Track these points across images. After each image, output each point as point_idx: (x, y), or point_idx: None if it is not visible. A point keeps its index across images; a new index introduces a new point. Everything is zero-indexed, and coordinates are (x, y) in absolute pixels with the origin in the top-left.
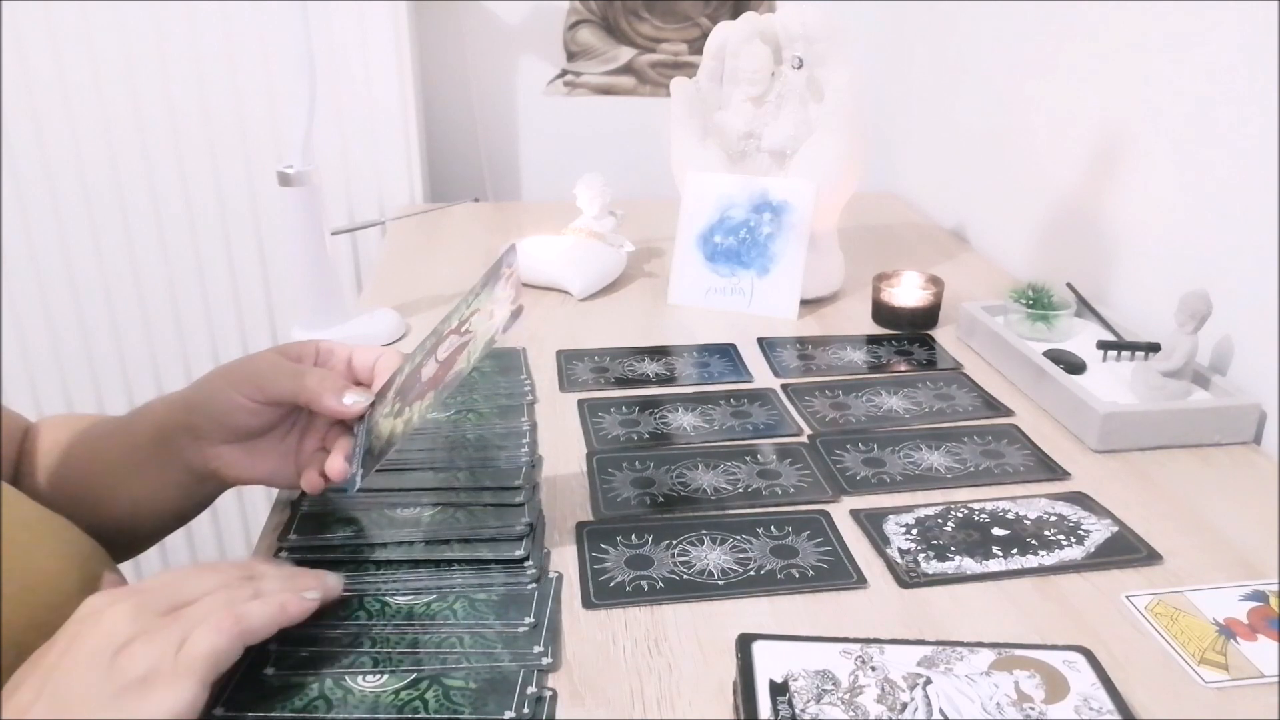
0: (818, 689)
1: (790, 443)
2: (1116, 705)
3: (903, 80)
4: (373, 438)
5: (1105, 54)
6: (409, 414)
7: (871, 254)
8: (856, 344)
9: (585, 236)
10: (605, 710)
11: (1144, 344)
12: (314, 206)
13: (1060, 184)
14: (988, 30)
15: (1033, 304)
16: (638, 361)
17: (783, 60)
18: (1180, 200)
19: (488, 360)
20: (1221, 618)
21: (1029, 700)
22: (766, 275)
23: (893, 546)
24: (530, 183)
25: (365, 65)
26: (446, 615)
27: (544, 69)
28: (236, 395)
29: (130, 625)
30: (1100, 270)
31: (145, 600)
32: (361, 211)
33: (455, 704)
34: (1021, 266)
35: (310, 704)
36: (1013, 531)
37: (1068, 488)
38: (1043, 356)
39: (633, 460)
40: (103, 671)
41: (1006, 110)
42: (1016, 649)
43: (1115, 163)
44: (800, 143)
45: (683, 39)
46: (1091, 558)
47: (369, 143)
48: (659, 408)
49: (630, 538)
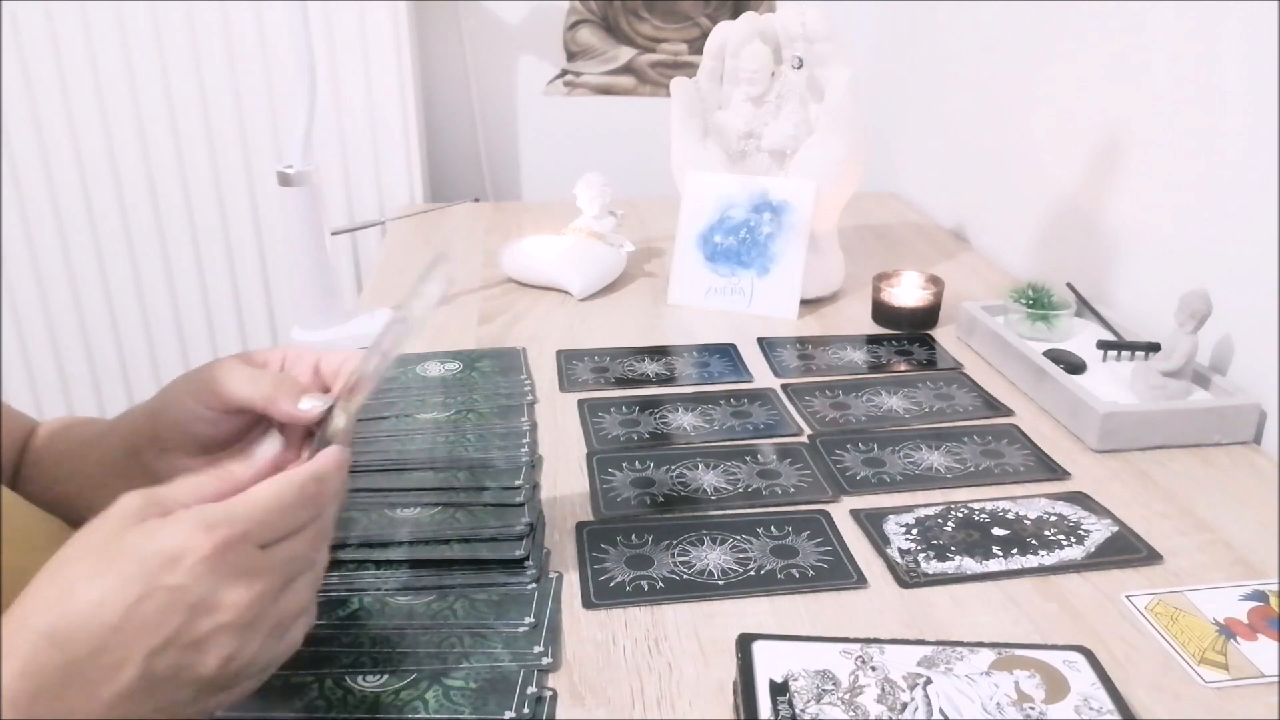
0: (818, 689)
1: (790, 443)
2: (1116, 705)
3: (903, 80)
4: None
5: (1105, 54)
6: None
7: (871, 254)
8: (856, 344)
9: (585, 236)
10: (605, 710)
11: (1144, 344)
12: (314, 206)
13: (1060, 184)
14: (988, 30)
15: (1033, 304)
16: (638, 361)
17: (783, 60)
18: (1180, 200)
19: (487, 360)
20: (1221, 618)
21: (1029, 700)
22: (766, 275)
23: (893, 546)
24: (530, 183)
25: (365, 65)
26: (446, 615)
27: (544, 69)
28: (195, 404)
29: (213, 588)
30: (1100, 270)
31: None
32: (361, 211)
33: (455, 704)
34: (1021, 266)
35: (310, 704)
36: (1013, 531)
37: (1068, 488)
38: (1043, 356)
39: (633, 460)
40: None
41: (1006, 110)
42: (1016, 649)
43: (1115, 163)
44: (800, 143)
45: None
46: (1091, 558)
47: (369, 143)
48: (659, 408)
49: (630, 538)
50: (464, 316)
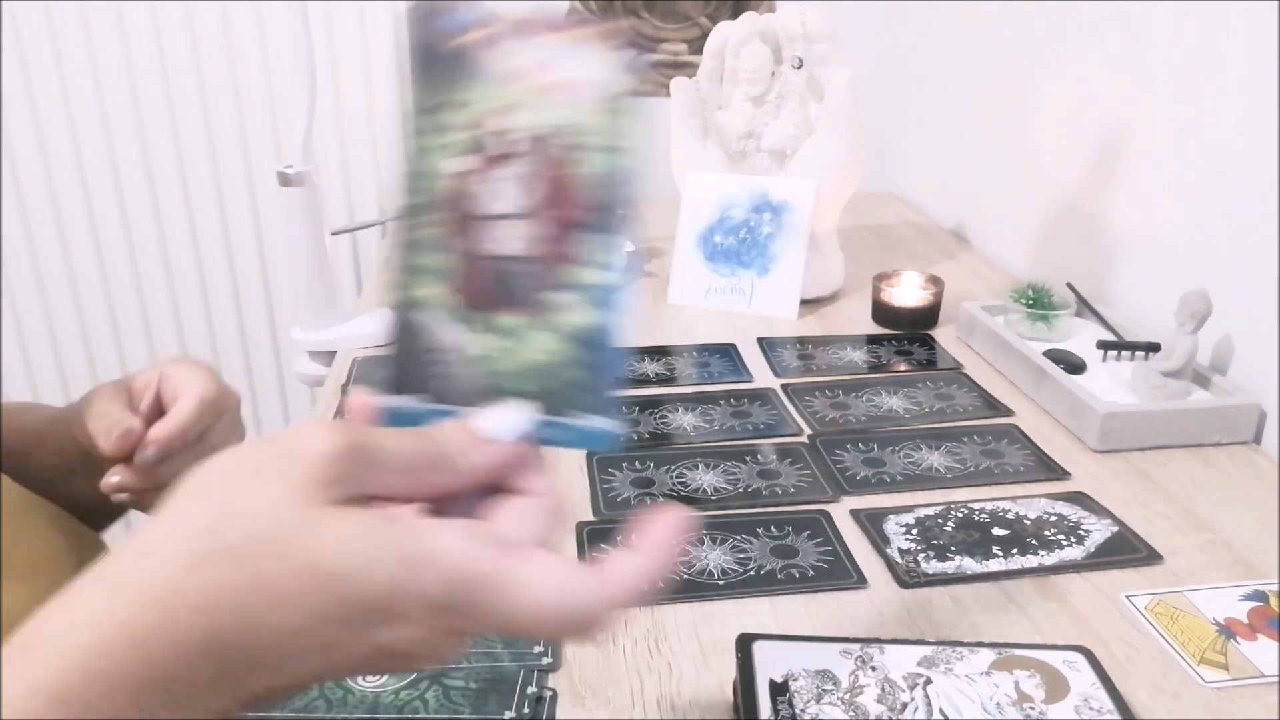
0: (818, 689)
1: (790, 443)
2: (1116, 705)
3: (903, 80)
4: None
5: (1105, 54)
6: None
7: (871, 254)
8: (856, 344)
9: None
10: (605, 710)
11: (1144, 344)
12: (314, 206)
13: (1060, 184)
14: (988, 30)
15: (1033, 304)
16: (638, 361)
17: (783, 60)
18: (1180, 200)
19: None
20: (1221, 617)
21: (1029, 700)
22: (766, 275)
23: (893, 546)
24: None
25: (365, 65)
26: None
27: None
28: (73, 430)
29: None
30: (1100, 270)
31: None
32: (361, 211)
33: (455, 704)
34: (1021, 266)
35: (310, 704)
36: (1013, 531)
37: (1068, 488)
38: (1043, 356)
39: (633, 460)
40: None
41: (1006, 110)
42: (1016, 649)
43: (1115, 163)
44: (800, 143)
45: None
46: (1091, 558)
47: (369, 143)
48: (659, 408)
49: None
50: None
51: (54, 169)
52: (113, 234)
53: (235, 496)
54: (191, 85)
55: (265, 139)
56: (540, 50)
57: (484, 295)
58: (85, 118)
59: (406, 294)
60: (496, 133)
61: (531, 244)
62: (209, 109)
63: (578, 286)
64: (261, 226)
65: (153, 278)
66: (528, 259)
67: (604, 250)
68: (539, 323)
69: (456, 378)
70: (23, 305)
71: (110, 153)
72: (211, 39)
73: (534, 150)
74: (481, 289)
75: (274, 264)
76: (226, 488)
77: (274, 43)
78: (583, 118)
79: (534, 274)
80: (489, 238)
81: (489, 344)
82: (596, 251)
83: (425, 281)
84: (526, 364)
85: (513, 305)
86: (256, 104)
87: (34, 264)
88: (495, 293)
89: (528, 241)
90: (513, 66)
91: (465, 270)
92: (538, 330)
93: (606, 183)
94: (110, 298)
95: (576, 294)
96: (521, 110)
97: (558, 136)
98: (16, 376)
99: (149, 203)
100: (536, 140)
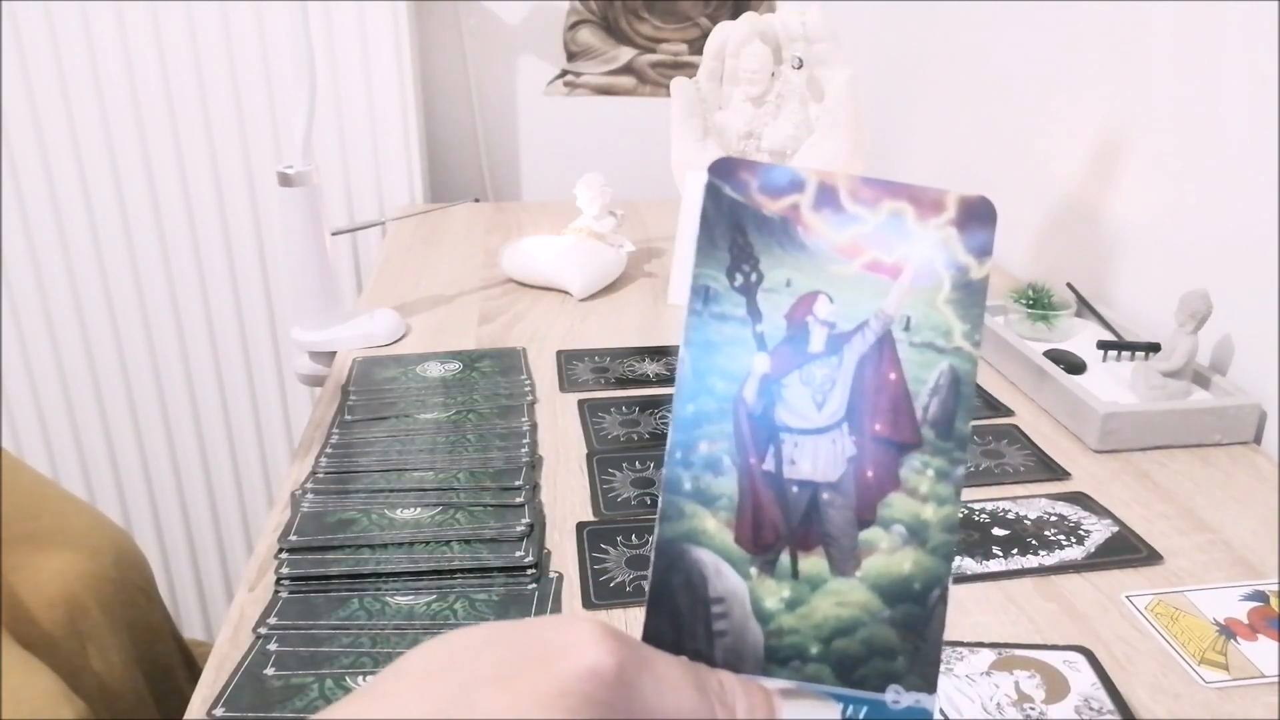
0: None
1: None
2: (1116, 705)
3: (903, 80)
4: None
5: (1106, 54)
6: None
7: None
8: None
9: (585, 236)
10: None
11: (1144, 344)
12: (314, 206)
13: (1060, 184)
14: (988, 31)
15: (1033, 304)
16: (638, 361)
17: (783, 60)
18: (1180, 200)
19: (487, 360)
20: (1222, 618)
21: (1029, 700)
22: None
23: None
24: (530, 183)
25: (365, 65)
26: (447, 615)
27: (544, 69)
28: None
29: None
30: (1100, 270)
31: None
32: (361, 211)
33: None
34: (1021, 266)
35: (310, 704)
36: (1013, 531)
37: (1068, 488)
38: (1043, 356)
39: (633, 460)
40: None
41: (1006, 110)
42: (1016, 649)
43: (1115, 162)
44: (800, 143)
45: (683, 39)
46: (1092, 558)
47: (369, 143)
48: (659, 408)
49: (630, 538)
50: (464, 317)
51: (54, 169)
52: (112, 234)
53: (464, 699)
54: (191, 85)
55: (265, 139)
56: (871, 220)
57: (774, 530)
58: (85, 117)
59: (687, 525)
60: (820, 321)
61: (844, 465)
62: (209, 109)
63: (901, 522)
64: (261, 226)
65: (153, 277)
66: (837, 484)
67: (939, 478)
68: (845, 567)
69: (733, 635)
70: (23, 305)
71: (110, 153)
72: (211, 39)
73: (857, 345)
74: (772, 522)
75: (274, 264)
76: (460, 675)
77: (274, 43)
78: (923, 310)
79: (842, 505)
80: (788, 457)
81: (776, 593)
82: (928, 478)
83: (705, 509)
84: (824, 621)
85: (810, 545)
86: (256, 104)
87: (34, 264)
88: (790, 528)
89: (838, 462)
90: (838, 241)
91: (753, 497)
92: (842, 578)
93: (948, 393)
94: (110, 297)
95: (898, 532)
96: (846, 295)
97: (890, 330)
98: (16, 376)
99: (149, 202)
100: (862, 332)
